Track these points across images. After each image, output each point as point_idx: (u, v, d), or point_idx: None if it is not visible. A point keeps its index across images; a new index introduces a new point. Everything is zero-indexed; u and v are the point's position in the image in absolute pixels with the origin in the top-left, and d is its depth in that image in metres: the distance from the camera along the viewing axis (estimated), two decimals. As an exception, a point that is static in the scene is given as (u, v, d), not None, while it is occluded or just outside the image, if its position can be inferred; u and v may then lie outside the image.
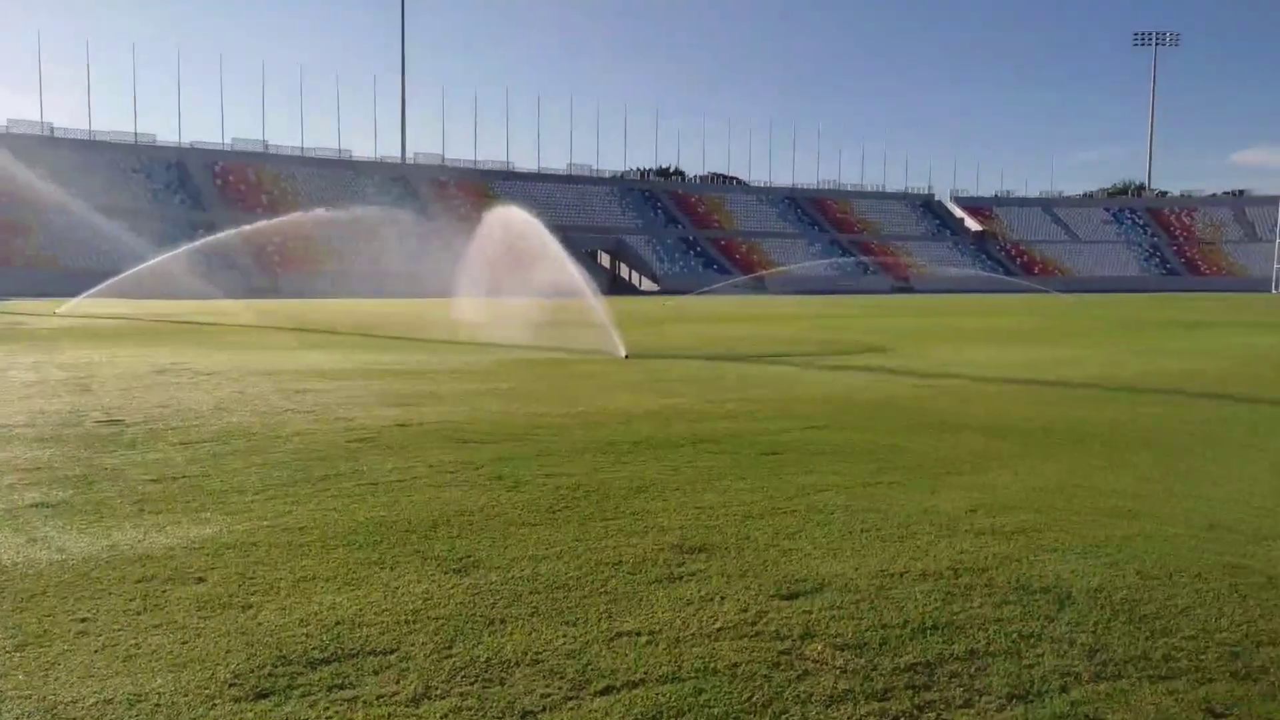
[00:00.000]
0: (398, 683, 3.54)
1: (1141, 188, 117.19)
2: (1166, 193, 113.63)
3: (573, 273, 19.48)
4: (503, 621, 4.14)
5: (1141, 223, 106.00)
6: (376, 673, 3.62)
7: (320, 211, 43.46)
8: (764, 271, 76.55)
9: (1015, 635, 4.03)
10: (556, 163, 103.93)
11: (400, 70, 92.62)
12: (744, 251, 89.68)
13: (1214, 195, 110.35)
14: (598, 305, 19.16)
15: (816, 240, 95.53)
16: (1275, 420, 10.14)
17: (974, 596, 4.50)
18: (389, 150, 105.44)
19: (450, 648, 3.85)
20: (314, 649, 3.83)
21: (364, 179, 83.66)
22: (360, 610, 4.25)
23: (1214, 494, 6.59)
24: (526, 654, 3.80)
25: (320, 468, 7.22)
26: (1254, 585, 4.67)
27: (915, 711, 3.36)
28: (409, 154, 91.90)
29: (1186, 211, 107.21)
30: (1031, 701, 3.43)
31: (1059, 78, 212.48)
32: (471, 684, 3.53)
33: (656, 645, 3.89)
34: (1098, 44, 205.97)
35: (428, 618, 4.17)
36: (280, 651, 3.79)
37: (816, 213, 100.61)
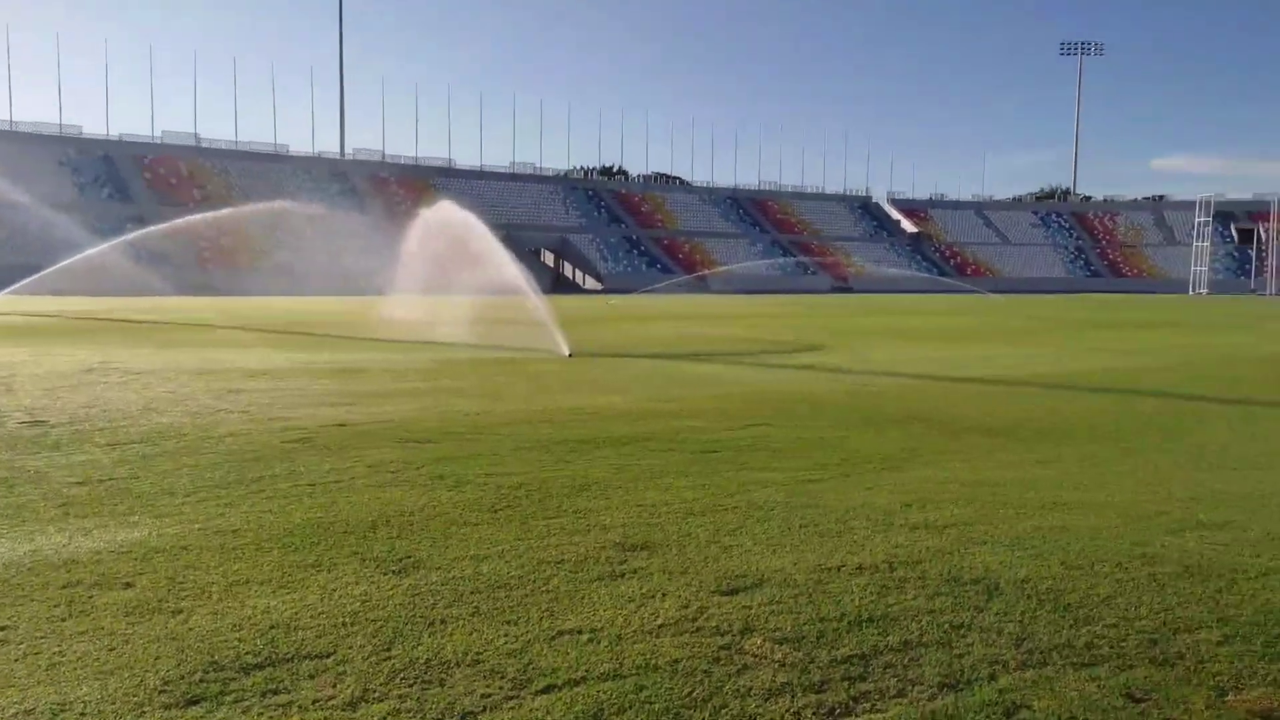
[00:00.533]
0: (335, 686, 3.51)
1: (1067, 192, 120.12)
2: (1091, 197, 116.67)
3: (512, 270, 19.37)
4: (443, 622, 4.13)
5: (1067, 226, 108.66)
6: (312, 676, 3.59)
7: (265, 205, 42.56)
8: (706, 271, 76.95)
9: (947, 626, 4.13)
10: (499, 160, 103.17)
11: (339, 62, 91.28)
12: (687, 251, 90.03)
13: (1135, 200, 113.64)
14: (538, 303, 19.12)
15: (758, 240, 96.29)
16: (1192, 415, 10.49)
17: (908, 589, 4.60)
18: (327, 145, 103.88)
19: (389, 649, 3.84)
20: (247, 654, 3.78)
21: (301, 174, 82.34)
22: (296, 613, 4.21)
23: (1134, 486, 6.80)
24: (467, 654, 3.80)
25: (255, 469, 7.12)
26: (1170, 574, 4.84)
27: (851, 702, 3.43)
28: (348, 149, 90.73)
29: (1109, 215, 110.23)
30: (961, 690, 3.53)
31: (991, 84, 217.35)
32: (411, 686, 3.53)
33: (598, 643, 3.92)
34: (1027, 52, 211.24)
35: (366, 619, 4.15)
36: (212, 657, 3.74)
37: (758, 213, 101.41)
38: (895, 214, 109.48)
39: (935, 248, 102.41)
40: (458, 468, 7.20)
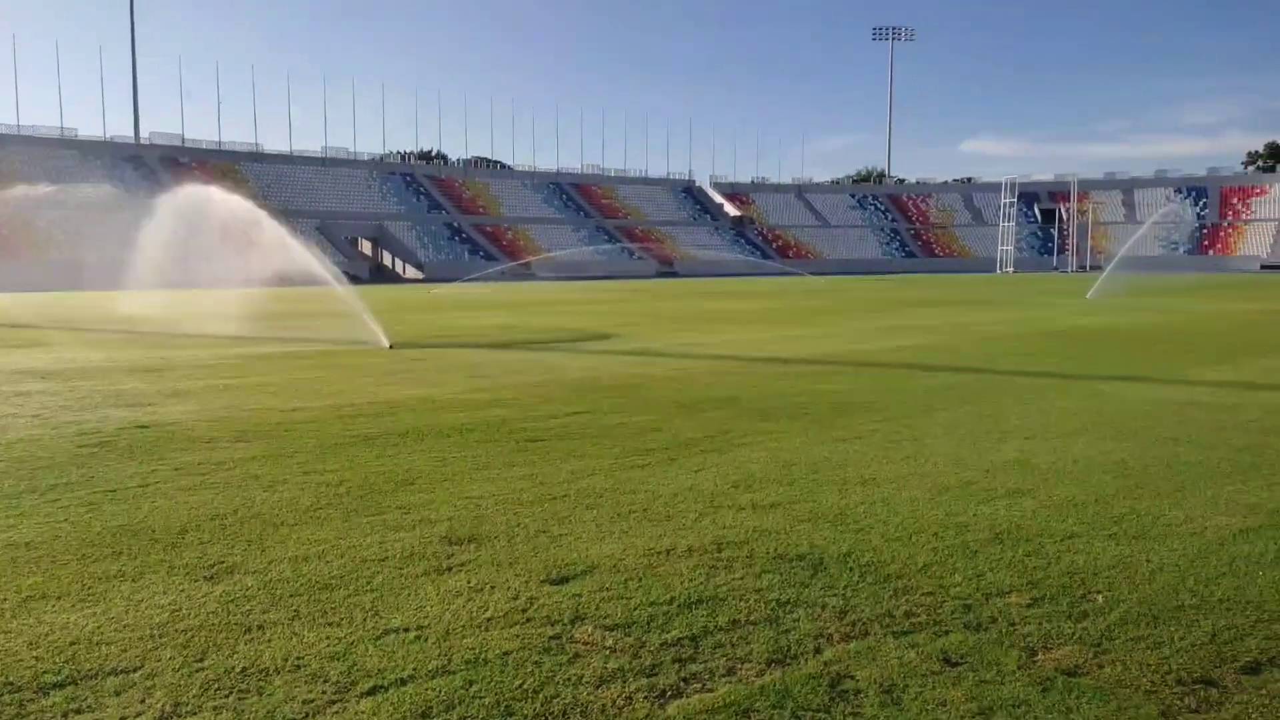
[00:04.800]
0: (143, 702, 3.29)
1: (883, 175, 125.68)
2: (905, 179, 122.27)
3: (308, 259, 18.29)
4: (260, 628, 3.92)
5: (883, 208, 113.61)
6: (118, 693, 3.35)
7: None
8: (531, 258, 76.48)
9: (774, 603, 4.23)
10: (310, 145, 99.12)
11: (130, 39, 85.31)
12: (510, 238, 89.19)
13: (946, 182, 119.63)
14: (347, 294, 18.45)
15: (582, 226, 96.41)
16: (995, 388, 11.16)
17: (736, 568, 4.69)
18: (121, 129, 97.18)
19: (202, 660, 3.61)
20: (46, 672, 3.50)
21: (91, 160, 76.48)
22: (99, 627, 3.92)
23: (944, 458, 7.17)
24: (287, 660, 3.62)
25: (48, 476, 6.58)
26: (981, 541, 5.13)
27: (681, 684, 3.46)
28: (144, 133, 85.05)
29: (922, 198, 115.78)
30: (788, 665, 3.61)
31: (808, 68, 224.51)
32: (226, 696, 3.33)
33: (425, 640, 3.81)
34: (843, 37, 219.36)
35: (176, 630, 3.89)
36: (6, 677, 3.45)
37: (581, 198, 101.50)
38: (718, 198, 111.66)
39: (758, 231, 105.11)
40: (272, 467, 6.87)
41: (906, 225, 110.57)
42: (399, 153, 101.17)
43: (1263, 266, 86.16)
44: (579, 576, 4.57)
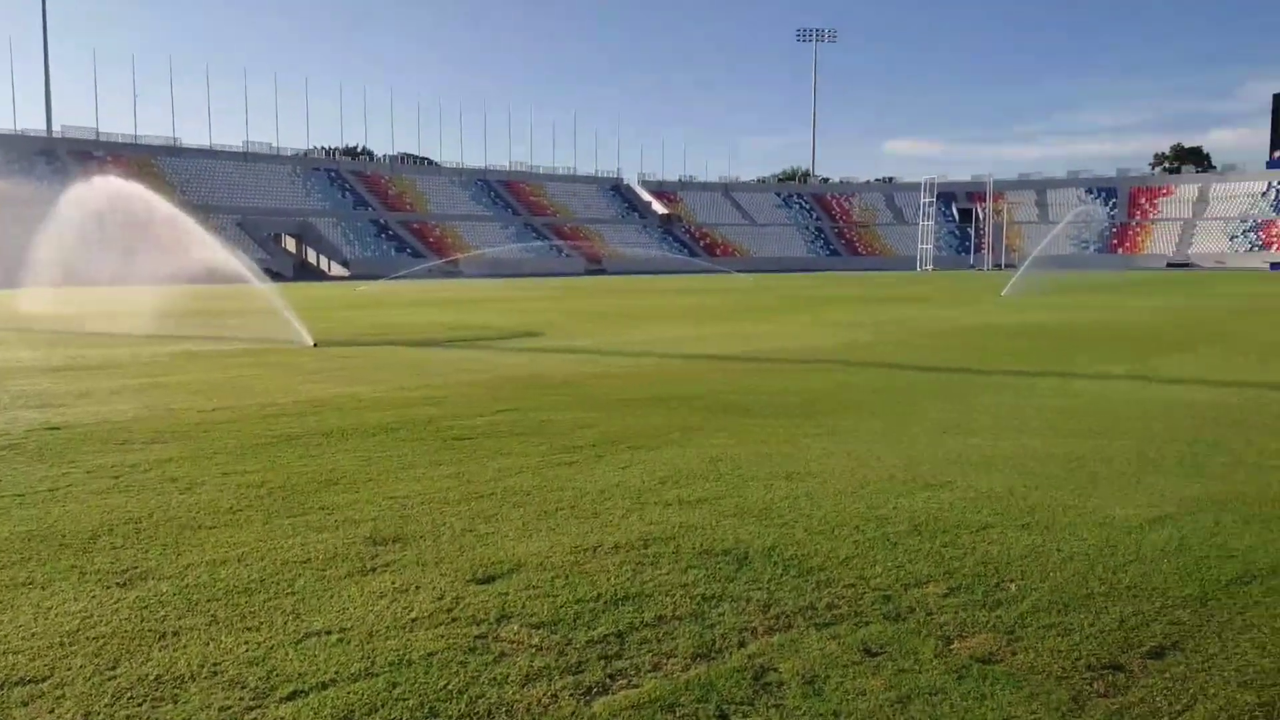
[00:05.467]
0: (52, 712, 3.19)
1: (807, 174, 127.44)
2: (829, 179, 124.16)
3: (223, 254, 17.81)
4: (175, 634, 3.83)
5: (808, 207, 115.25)
6: (26, 703, 3.24)
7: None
8: (459, 255, 75.80)
9: (699, 598, 4.26)
10: (231, 139, 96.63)
11: (42, 30, 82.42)
12: (438, 235, 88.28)
13: (868, 182, 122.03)
14: (266, 291, 18.08)
15: (510, 223, 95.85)
16: (914, 384, 11.40)
17: (662, 564, 4.71)
18: (32, 123, 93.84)
19: (114, 668, 3.51)
20: (-54, 686, 3.36)
21: (-1, 153, 73.83)
22: (5, 636, 3.79)
23: (866, 453, 7.29)
24: (203, 666, 3.53)
25: (-50, 480, 6.33)
26: (901, 533, 5.23)
27: (608, 680, 3.46)
28: (55, 127, 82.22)
29: (846, 197, 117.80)
30: (713, 659, 3.64)
31: (735, 69, 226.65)
32: (139, 705, 3.24)
33: (348, 642, 3.76)
34: (768, 39, 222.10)
35: (87, 638, 3.78)
36: (-100, 694, 3.30)
37: (509, 195, 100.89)
38: (646, 196, 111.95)
39: (686, 229, 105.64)
40: (190, 468, 6.71)
41: (831, 224, 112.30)
42: (324, 148, 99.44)
43: (1169, 264, 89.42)
44: (505, 575, 4.55)
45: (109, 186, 20.77)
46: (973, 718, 3.20)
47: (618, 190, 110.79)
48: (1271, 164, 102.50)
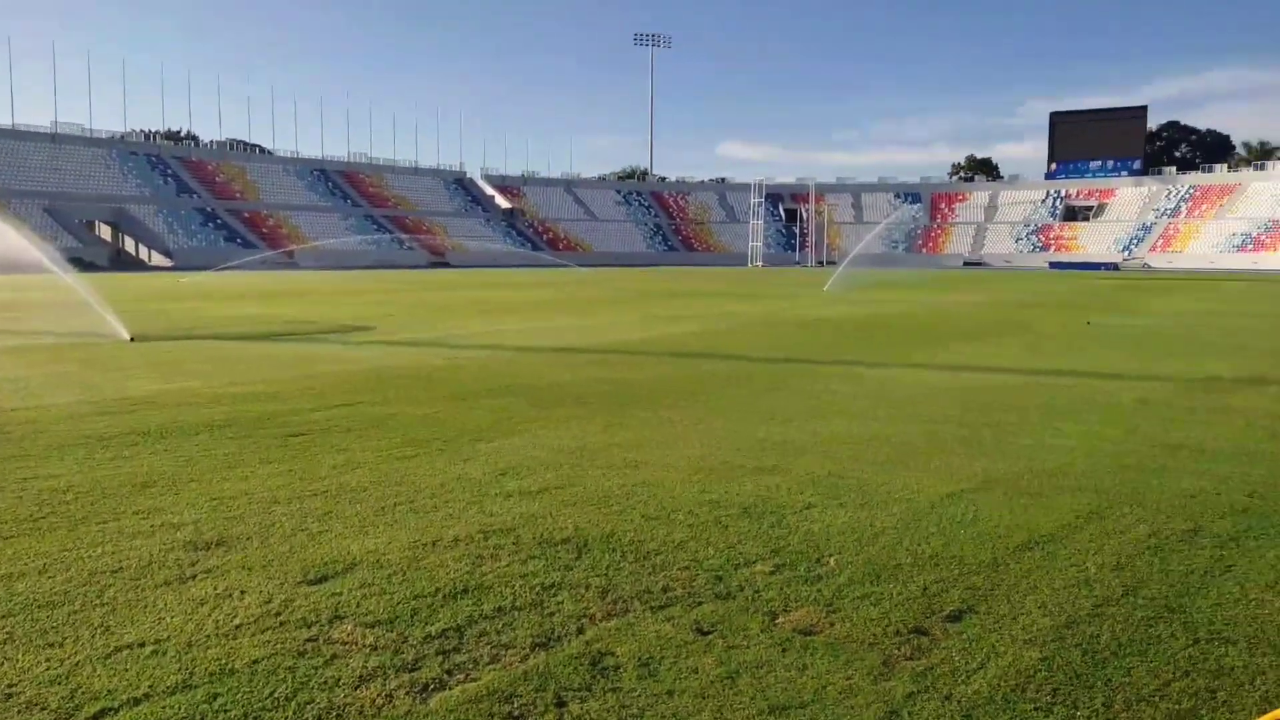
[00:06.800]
0: None
1: (645, 173, 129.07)
2: (666, 178, 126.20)
3: (21, 243, 16.54)
4: (-33, 654, 3.53)
5: (647, 204, 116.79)
6: None
7: None
8: (294, 246, 73.07)
9: (539, 587, 4.24)
10: (37, 119, 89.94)
11: None
12: (271, 225, 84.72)
13: (703, 181, 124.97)
14: (74, 281, 16.93)
15: (350, 214, 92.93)
16: (744, 374, 11.69)
17: (502, 556, 4.66)
18: None
19: (-106, 696, 3.21)
20: None
21: None
22: None
23: (700, 440, 7.44)
24: (-1, 687, 3.27)
25: None
26: (732, 516, 5.36)
27: (445, 676, 3.40)
28: None
29: (682, 195, 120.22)
30: (551, 647, 3.63)
31: (577, 68, 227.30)
32: (-77, 734, 2.98)
33: (164, 654, 3.55)
34: (608, 41, 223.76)
35: None
36: None
37: (348, 186, 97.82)
38: (490, 190, 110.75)
39: (529, 223, 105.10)
40: (-11, 474, 6.20)
41: (668, 221, 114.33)
42: (144, 131, 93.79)
43: (966, 263, 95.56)
44: (339, 574, 4.40)
45: None
46: (795, 688, 3.33)
47: (461, 184, 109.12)
48: (1049, 175, 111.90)
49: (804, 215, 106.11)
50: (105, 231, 77.58)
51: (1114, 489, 6.02)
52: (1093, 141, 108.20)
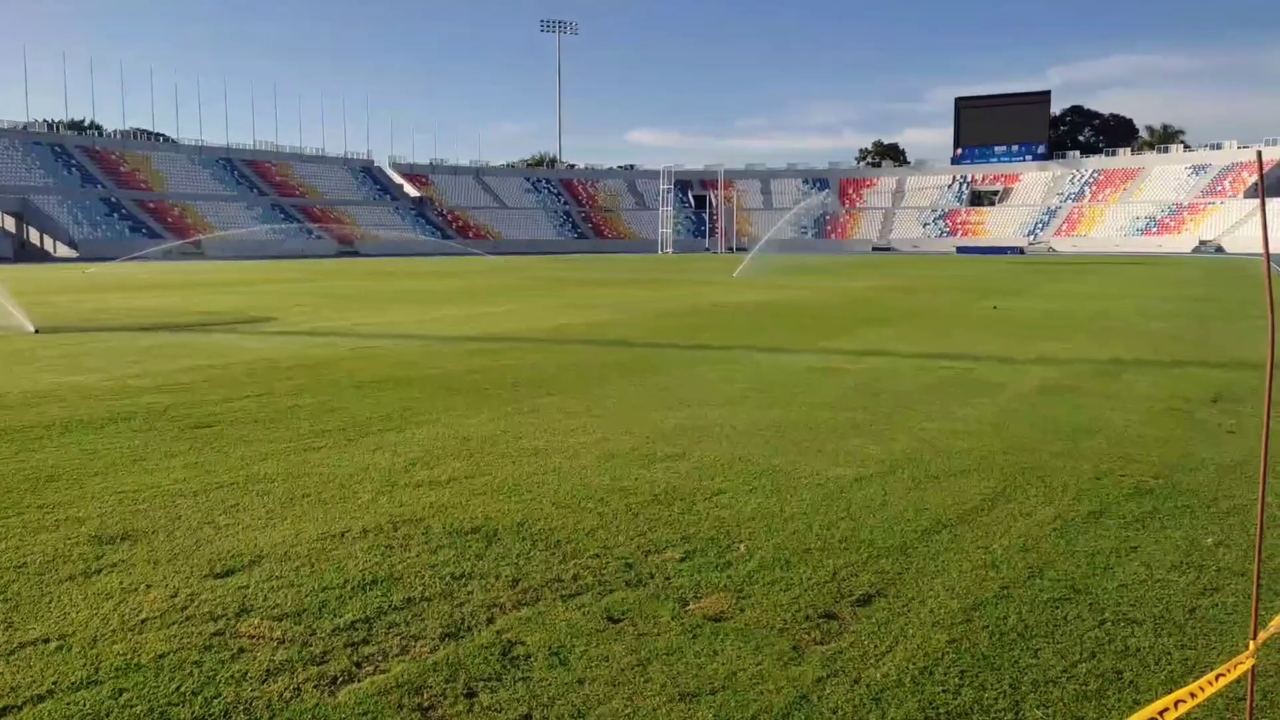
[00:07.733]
0: None
1: (554, 160, 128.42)
2: (575, 165, 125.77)
3: None
4: None
5: (556, 192, 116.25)
6: None
7: None
8: (200, 236, 70.87)
9: (449, 577, 4.29)
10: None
11: None
12: (177, 215, 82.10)
13: (612, 169, 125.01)
14: None
15: (256, 204, 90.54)
16: (665, 360, 11.78)
17: (412, 546, 4.69)
18: None
19: None
20: None
21: None
22: None
23: (610, 427, 7.52)
24: (-107, 689, 3.21)
25: None
26: (642, 503, 5.46)
27: (354, 668, 3.43)
28: None
29: (591, 182, 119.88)
30: (462, 638, 3.68)
31: (484, 56, 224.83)
32: None
33: (69, 649, 3.52)
34: (516, 26, 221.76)
35: None
36: None
37: (255, 175, 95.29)
38: (398, 178, 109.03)
39: (438, 211, 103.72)
40: (-123, 472, 5.99)
41: (578, 208, 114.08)
42: (46, 121, 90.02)
43: (874, 248, 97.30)
44: (246, 567, 4.39)
45: None
46: (706, 674, 3.41)
47: (369, 172, 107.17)
48: (956, 160, 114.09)
49: (713, 202, 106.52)
50: (9, 223, 74.45)
51: (1020, 471, 6.20)
52: (998, 127, 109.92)
